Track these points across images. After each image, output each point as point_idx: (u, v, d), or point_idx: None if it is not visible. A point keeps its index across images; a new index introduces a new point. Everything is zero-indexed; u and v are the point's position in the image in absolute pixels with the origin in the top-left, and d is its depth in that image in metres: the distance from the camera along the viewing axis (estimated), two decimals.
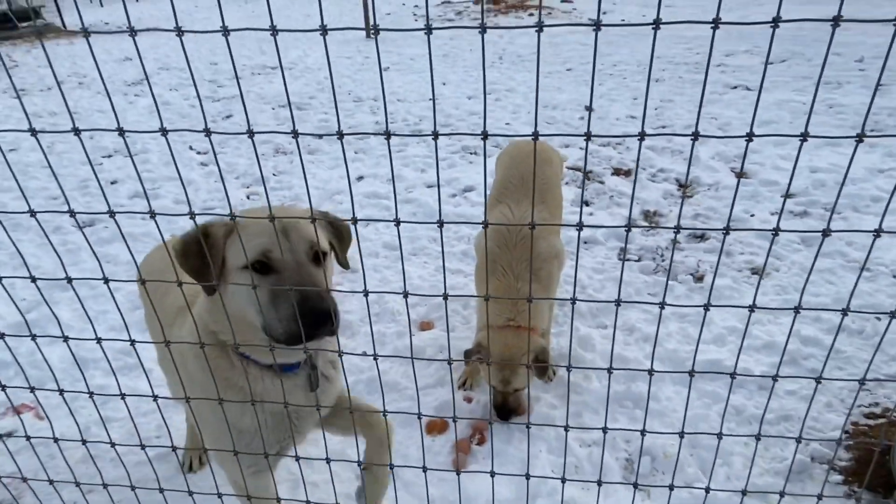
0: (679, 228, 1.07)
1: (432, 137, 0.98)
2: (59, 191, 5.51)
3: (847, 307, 1.16)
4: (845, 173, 1.03)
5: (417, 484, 2.56)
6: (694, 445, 2.70)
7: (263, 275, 1.48)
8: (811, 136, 0.93)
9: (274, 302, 1.46)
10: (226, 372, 1.64)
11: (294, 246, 1.49)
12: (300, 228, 1.52)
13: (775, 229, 1.05)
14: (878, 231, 1.11)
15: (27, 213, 1.27)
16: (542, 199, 3.04)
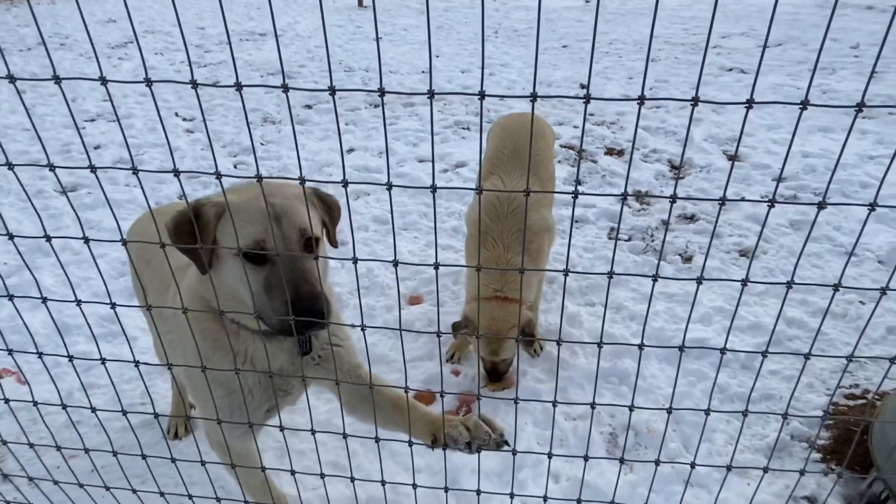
0: (675, 198, 1.05)
1: (427, 96, 0.94)
2: (40, 154, 5.37)
3: (839, 283, 1.15)
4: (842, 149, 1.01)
5: (403, 454, 2.57)
6: (677, 421, 2.73)
7: (256, 264, 1.47)
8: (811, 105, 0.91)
9: (268, 292, 1.46)
10: (216, 334, 1.63)
11: (286, 234, 1.48)
12: (292, 215, 1.49)
13: (771, 200, 1.03)
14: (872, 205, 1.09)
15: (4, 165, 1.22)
16: (534, 172, 3.01)
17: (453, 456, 2.54)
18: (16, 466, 2.44)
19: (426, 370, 3.02)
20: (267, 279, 1.46)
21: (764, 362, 3.16)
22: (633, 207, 4.56)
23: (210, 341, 1.63)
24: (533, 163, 3.04)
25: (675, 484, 2.41)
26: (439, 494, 2.39)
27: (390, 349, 3.15)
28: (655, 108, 6.52)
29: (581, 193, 1.03)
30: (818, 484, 2.43)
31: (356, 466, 2.52)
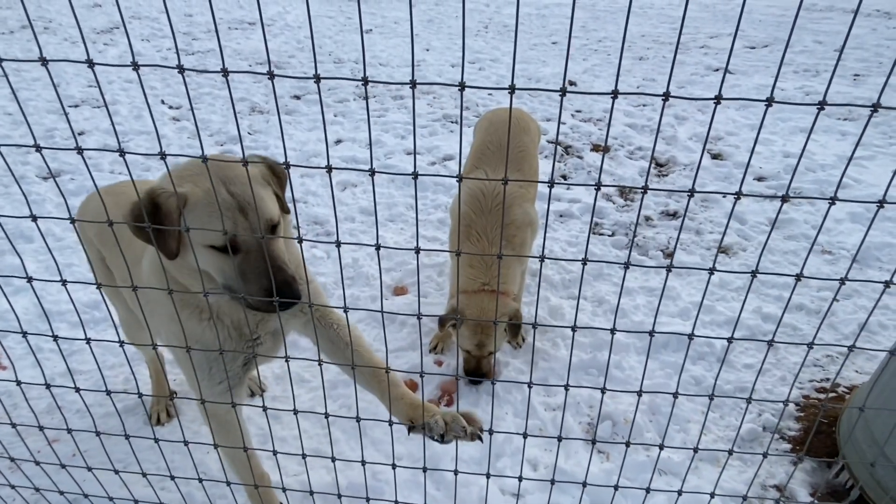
0: (646, 188, 1.10)
1: (410, 86, 0.97)
2: (22, 139, 5.30)
3: (800, 273, 1.20)
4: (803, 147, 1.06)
5: (384, 442, 2.61)
6: (654, 412, 2.80)
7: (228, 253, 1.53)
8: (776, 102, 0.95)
9: (242, 278, 1.54)
10: (180, 294, 1.68)
11: (253, 225, 1.53)
12: (258, 206, 1.54)
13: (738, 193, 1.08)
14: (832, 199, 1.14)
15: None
16: (518, 167, 3.05)
17: (433, 443, 2.59)
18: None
19: (409, 360, 3.05)
20: (240, 267, 1.53)
21: (740, 357, 3.23)
22: (618, 203, 4.63)
23: (177, 302, 1.67)
24: (517, 158, 3.07)
25: (648, 472, 2.48)
26: (419, 480, 2.43)
27: (374, 339, 3.18)
28: (642, 106, 6.59)
29: (557, 183, 1.06)
30: (787, 473, 2.51)
31: (338, 453, 2.55)
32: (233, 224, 1.50)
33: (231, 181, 1.51)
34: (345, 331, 1.90)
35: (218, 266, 1.54)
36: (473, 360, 2.86)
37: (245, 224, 1.52)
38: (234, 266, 1.53)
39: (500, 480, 2.48)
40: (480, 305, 2.73)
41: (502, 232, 1.25)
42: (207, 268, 1.57)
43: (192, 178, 1.53)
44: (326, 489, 2.31)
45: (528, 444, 2.62)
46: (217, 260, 1.54)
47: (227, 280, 1.57)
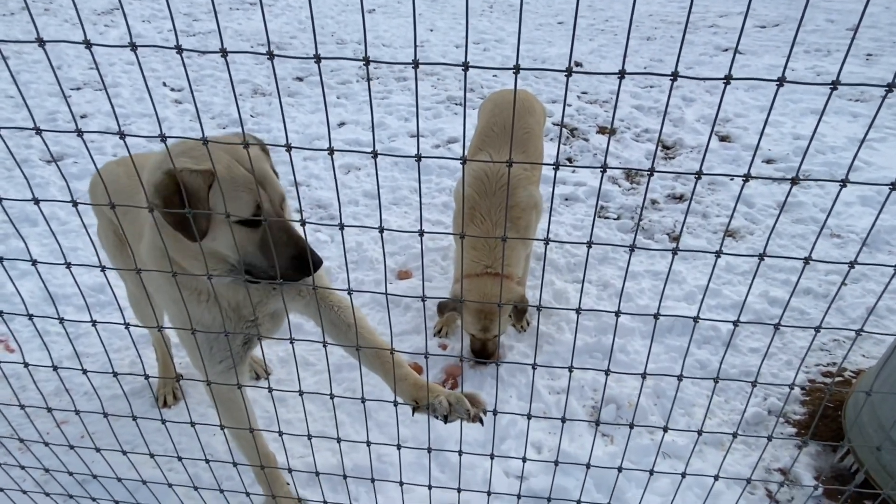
0: (653, 171, 1.07)
1: (413, 66, 0.95)
2: (24, 123, 5.28)
3: (809, 256, 1.18)
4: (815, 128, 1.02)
5: (389, 424, 2.63)
6: (658, 395, 2.80)
7: (251, 227, 1.59)
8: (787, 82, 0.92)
9: (263, 251, 1.61)
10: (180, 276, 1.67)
11: (272, 198, 1.60)
12: (272, 181, 1.62)
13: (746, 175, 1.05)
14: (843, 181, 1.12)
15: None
16: (522, 149, 3.01)
17: (437, 426, 2.60)
18: (7, 430, 2.47)
19: (414, 343, 3.06)
20: (262, 240, 1.60)
21: (746, 340, 3.21)
22: (623, 187, 4.59)
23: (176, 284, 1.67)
24: (521, 139, 3.04)
25: (652, 455, 2.49)
26: (423, 462, 2.45)
27: (378, 322, 3.19)
28: (649, 88, 6.50)
29: (563, 166, 1.04)
30: (791, 457, 2.52)
31: (343, 435, 2.57)
32: (256, 195, 1.55)
33: (243, 159, 1.56)
34: (346, 312, 1.90)
35: (240, 241, 1.58)
36: (479, 342, 2.86)
37: (266, 196, 1.58)
38: (254, 242, 1.60)
39: (504, 462, 2.50)
40: (484, 289, 2.72)
41: (507, 214, 1.23)
42: (226, 246, 1.60)
43: (204, 157, 1.53)
44: (332, 471, 2.34)
45: (532, 428, 2.63)
46: (240, 235, 1.58)
47: (247, 256, 1.62)
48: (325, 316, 1.90)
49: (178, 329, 1.81)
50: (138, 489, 2.07)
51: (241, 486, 1.90)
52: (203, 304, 1.77)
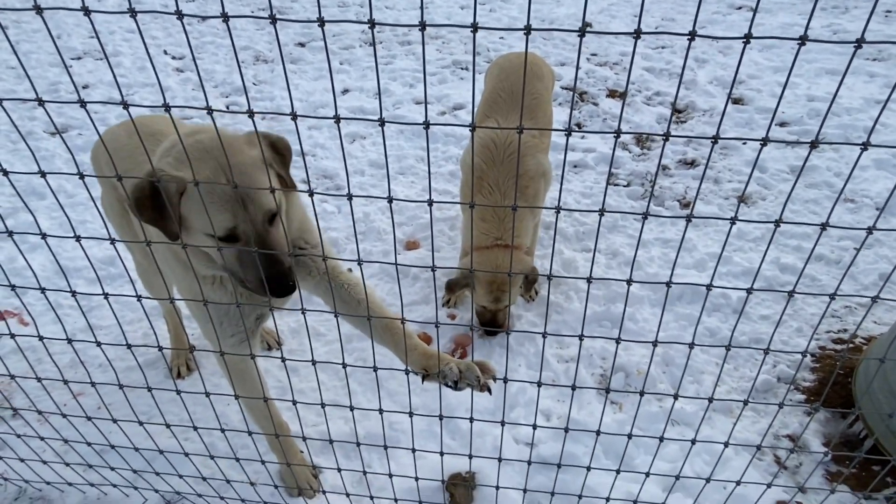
0: (668, 135, 1.04)
1: (419, 29, 0.91)
2: (27, 94, 5.22)
3: (826, 221, 1.15)
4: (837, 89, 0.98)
5: (400, 392, 2.66)
6: (667, 363, 2.81)
7: (227, 241, 1.56)
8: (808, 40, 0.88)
9: (241, 264, 1.59)
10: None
11: (253, 217, 1.54)
12: (256, 198, 1.53)
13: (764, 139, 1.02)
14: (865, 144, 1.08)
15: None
16: (531, 115, 2.95)
17: (448, 395, 2.63)
18: (25, 403, 2.52)
19: (423, 313, 3.07)
20: (239, 255, 1.58)
21: (757, 308, 3.20)
22: (634, 152, 4.51)
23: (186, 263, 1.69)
24: (530, 105, 2.97)
25: (661, 422, 2.51)
26: (434, 430, 2.48)
27: (387, 293, 3.19)
28: (660, 49, 6.31)
29: (574, 131, 1.01)
30: (801, 424, 2.53)
31: (355, 404, 2.60)
32: (232, 216, 1.50)
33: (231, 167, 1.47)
34: (356, 289, 1.90)
35: (216, 253, 1.58)
36: (490, 313, 2.87)
37: (244, 215, 1.52)
38: (233, 254, 1.56)
39: (514, 429, 2.53)
40: (495, 262, 2.70)
41: (517, 183, 1.20)
42: (210, 253, 1.61)
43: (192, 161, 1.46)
44: (345, 438, 2.37)
45: (542, 396, 2.65)
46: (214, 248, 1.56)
47: (227, 264, 1.61)
48: (336, 294, 1.90)
49: (189, 301, 1.82)
50: (155, 458, 2.11)
51: (257, 454, 1.94)
52: (209, 286, 1.78)
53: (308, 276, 1.90)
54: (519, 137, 1.03)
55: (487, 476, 2.28)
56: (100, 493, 2.28)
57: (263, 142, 1.59)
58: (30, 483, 2.27)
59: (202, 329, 1.96)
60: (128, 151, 2.01)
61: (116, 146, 2.08)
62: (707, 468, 2.33)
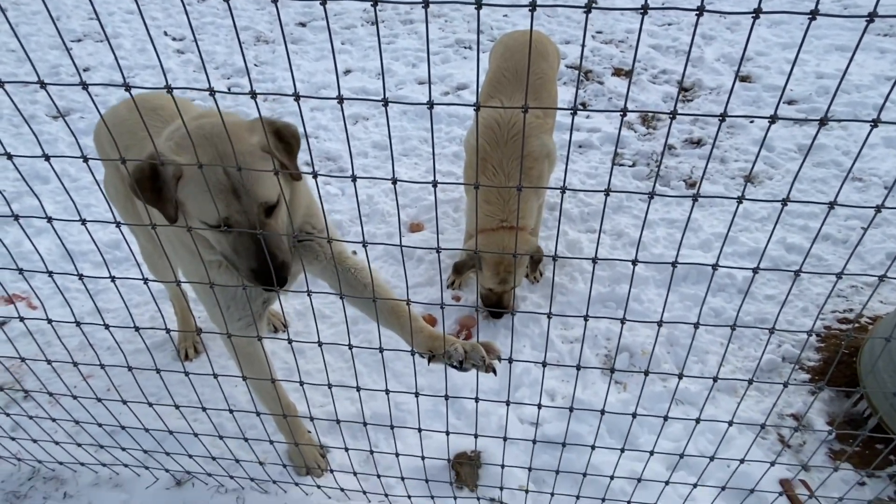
0: (675, 113, 1.02)
1: (422, 6, 0.89)
2: (28, 77, 5.20)
3: (835, 200, 1.14)
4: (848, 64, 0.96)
5: (406, 374, 2.68)
6: (672, 343, 2.81)
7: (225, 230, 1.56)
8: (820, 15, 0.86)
9: (235, 253, 1.59)
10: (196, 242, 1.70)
11: (246, 208, 1.52)
12: (251, 188, 1.51)
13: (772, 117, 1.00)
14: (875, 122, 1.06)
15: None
16: (535, 96, 2.92)
17: (453, 375, 2.65)
18: (36, 385, 2.55)
19: (428, 295, 3.07)
20: (233, 244, 1.58)
21: (762, 288, 3.19)
22: (639, 132, 4.46)
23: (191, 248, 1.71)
24: (535, 85, 2.93)
25: (665, 402, 2.52)
26: (440, 410, 2.51)
27: (392, 275, 3.20)
28: (667, 26, 6.21)
29: (579, 110, 1.00)
30: (805, 403, 2.54)
31: (361, 385, 2.62)
32: (225, 206, 1.49)
33: (228, 154, 1.47)
34: (362, 273, 1.90)
35: (213, 238, 1.60)
36: (495, 296, 2.87)
37: (238, 206, 1.51)
38: (227, 242, 1.57)
39: (518, 409, 2.55)
40: (501, 243, 2.69)
41: (522, 163, 1.19)
42: (207, 238, 1.63)
43: (191, 148, 1.47)
44: (352, 419, 2.40)
45: (546, 376, 2.67)
46: (211, 234, 1.58)
47: (223, 251, 1.62)
48: (342, 278, 1.91)
49: (196, 285, 1.82)
50: (165, 439, 2.14)
51: (265, 434, 1.97)
52: (215, 270, 1.78)
53: (315, 261, 1.90)
54: (524, 117, 1.02)
55: (493, 455, 2.30)
56: (111, 473, 2.32)
57: (268, 128, 1.56)
58: (43, 463, 2.31)
59: (209, 312, 1.98)
60: (128, 127, 2.02)
61: (117, 122, 2.08)
62: (711, 447, 2.35)
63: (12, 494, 2.28)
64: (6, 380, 2.67)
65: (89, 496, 2.25)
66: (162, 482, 2.29)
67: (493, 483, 2.21)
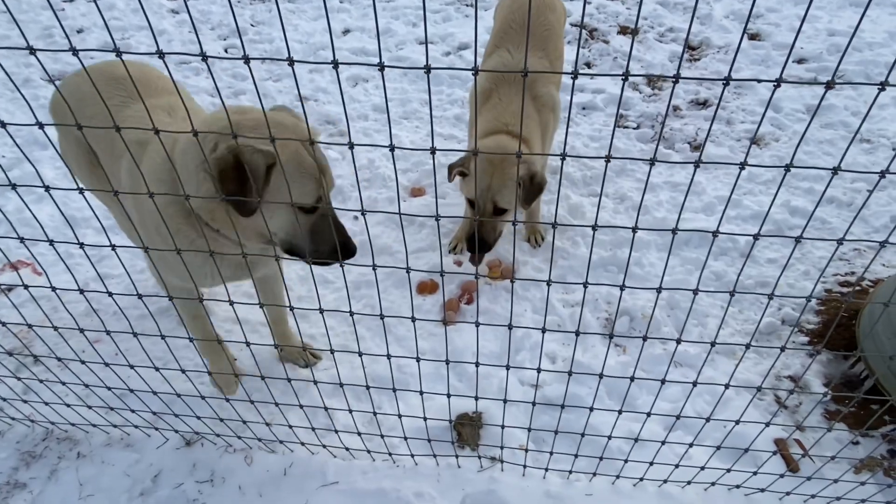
0: (678, 77, 1.00)
1: None
2: (21, 40, 5.09)
3: (838, 166, 1.13)
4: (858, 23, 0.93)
5: (408, 338, 2.71)
6: (672, 307, 2.83)
7: (307, 213, 1.70)
8: None
9: (313, 235, 1.73)
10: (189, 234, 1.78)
11: (327, 188, 1.71)
12: (329, 172, 1.72)
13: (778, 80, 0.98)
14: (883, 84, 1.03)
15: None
16: (542, 47, 2.85)
17: (455, 339, 2.68)
18: (44, 350, 2.60)
19: (428, 260, 3.08)
20: (314, 225, 1.72)
21: (764, 251, 3.18)
22: (644, 93, 4.38)
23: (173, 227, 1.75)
24: (542, 38, 2.86)
25: (664, 364, 2.56)
26: (441, 373, 2.55)
27: (393, 241, 3.20)
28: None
29: (581, 74, 0.97)
30: (802, 365, 2.57)
31: (363, 349, 2.66)
32: (318, 186, 1.64)
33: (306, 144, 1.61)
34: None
35: (291, 224, 1.69)
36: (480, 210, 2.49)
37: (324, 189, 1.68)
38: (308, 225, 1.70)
39: (519, 372, 2.59)
40: (500, 144, 2.49)
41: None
42: (277, 226, 1.70)
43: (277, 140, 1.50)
44: (355, 382, 2.44)
45: (547, 340, 2.70)
46: (293, 218, 1.68)
47: (296, 238, 1.73)
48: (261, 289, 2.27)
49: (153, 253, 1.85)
50: (174, 401, 2.19)
51: (271, 397, 2.01)
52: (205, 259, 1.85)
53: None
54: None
55: (493, 416, 2.35)
56: (123, 434, 2.38)
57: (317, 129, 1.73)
58: (56, 425, 2.38)
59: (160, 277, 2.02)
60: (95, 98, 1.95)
61: (81, 96, 2.02)
62: (708, 408, 2.39)
63: (28, 454, 2.36)
64: (15, 345, 2.71)
65: (102, 455, 2.32)
66: (172, 442, 2.36)
67: (493, 443, 2.27)
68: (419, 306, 2.88)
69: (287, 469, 2.26)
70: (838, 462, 2.07)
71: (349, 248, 1.75)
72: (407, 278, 2.93)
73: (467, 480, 2.18)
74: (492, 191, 2.45)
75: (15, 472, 2.30)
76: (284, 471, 2.26)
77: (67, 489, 2.22)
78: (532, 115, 2.68)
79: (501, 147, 2.47)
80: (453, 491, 2.15)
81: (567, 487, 2.13)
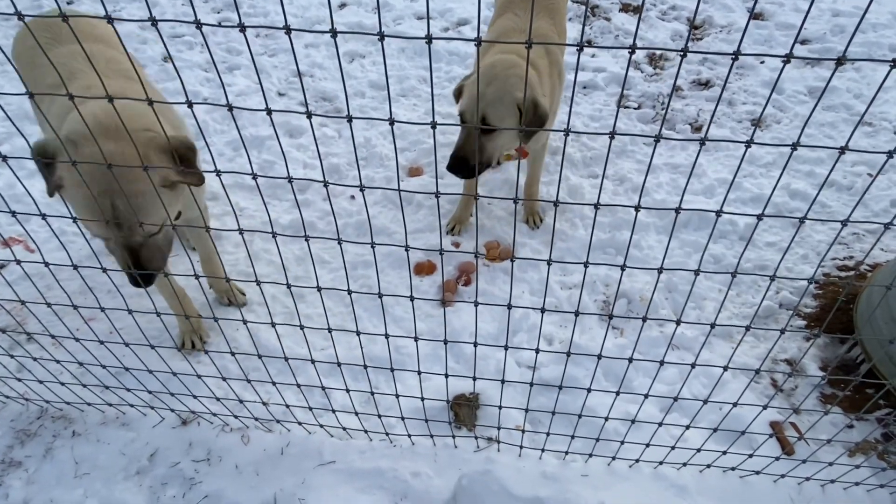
0: (686, 51, 0.97)
1: None
2: (9, 9, 4.95)
3: (846, 145, 1.10)
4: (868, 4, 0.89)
5: (406, 319, 2.70)
6: (670, 290, 2.83)
7: None
8: None
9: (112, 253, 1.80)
10: None
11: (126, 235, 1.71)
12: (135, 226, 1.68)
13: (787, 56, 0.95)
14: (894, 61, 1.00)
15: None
16: (550, 15, 2.78)
17: (453, 321, 2.67)
18: (38, 328, 2.58)
19: (427, 241, 3.06)
20: (110, 247, 1.78)
21: (763, 234, 3.17)
22: (646, 72, 4.31)
23: None
24: (548, 7, 2.80)
25: (662, 347, 2.56)
26: (439, 353, 2.54)
27: (391, 221, 3.17)
28: None
29: (586, 46, 0.94)
30: (799, 349, 2.58)
31: (361, 329, 2.65)
32: (105, 232, 1.69)
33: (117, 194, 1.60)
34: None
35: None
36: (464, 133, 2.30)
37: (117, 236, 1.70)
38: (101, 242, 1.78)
39: (516, 353, 2.59)
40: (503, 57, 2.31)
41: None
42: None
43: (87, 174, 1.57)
44: (352, 362, 2.44)
45: (544, 321, 2.69)
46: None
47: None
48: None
49: None
50: (170, 380, 2.18)
51: (267, 376, 1.99)
52: None
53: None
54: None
55: (491, 397, 2.35)
56: (118, 413, 2.38)
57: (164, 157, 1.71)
58: (50, 403, 2.36)
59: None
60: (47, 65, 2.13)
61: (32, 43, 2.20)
62: (705, 391, 2.40)
63: (23, 433, 2.35)
64: (8, 322, 2.69)
65: (97, 434, 2.32)
66: (168, 421, 2.35)
67: (490, 423, 2.27)
68: (416, 287, 2.87)
69: (284, 448, 2.26)
70: (833, 445, 2.09)
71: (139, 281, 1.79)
72: (405, 259, 2.90)
73: (464, 460, 2.19)
74: (485, 100, 2.18)
75: (10, 450, 2.30)
76: (281, 450, 2.26)
77: (63, 467, 2.22)
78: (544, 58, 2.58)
79: (509, 63, 2.22)
80: (450, 471, 2.16)
81: (563, 468, 2.14)
